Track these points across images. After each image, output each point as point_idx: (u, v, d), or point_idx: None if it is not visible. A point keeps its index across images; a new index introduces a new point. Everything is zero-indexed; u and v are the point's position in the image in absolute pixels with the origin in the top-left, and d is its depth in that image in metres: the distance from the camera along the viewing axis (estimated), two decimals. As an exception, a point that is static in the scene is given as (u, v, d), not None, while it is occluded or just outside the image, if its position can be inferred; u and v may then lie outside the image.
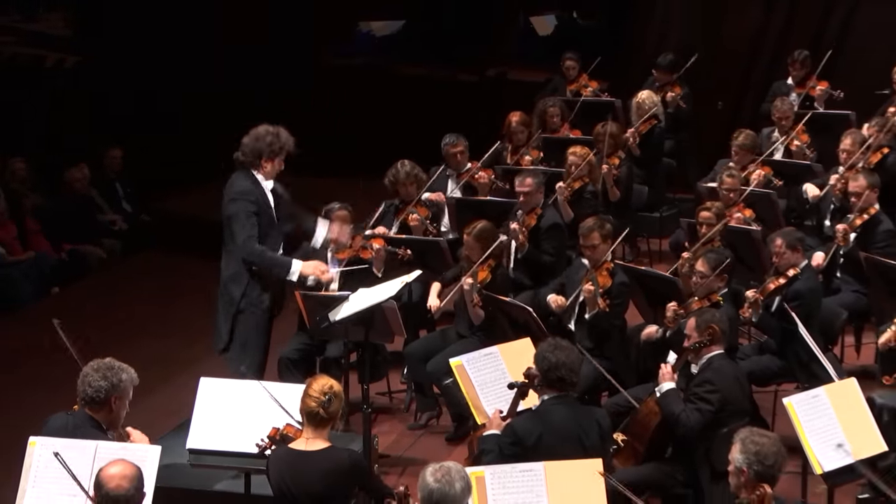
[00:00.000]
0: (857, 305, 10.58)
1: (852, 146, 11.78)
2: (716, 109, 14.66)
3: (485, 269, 9.91)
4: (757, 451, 6.48)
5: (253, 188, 9.10)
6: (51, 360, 7.37)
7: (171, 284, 12.74)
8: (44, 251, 13.77)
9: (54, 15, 16.11)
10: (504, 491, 6.96)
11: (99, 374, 7.05)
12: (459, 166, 11.98)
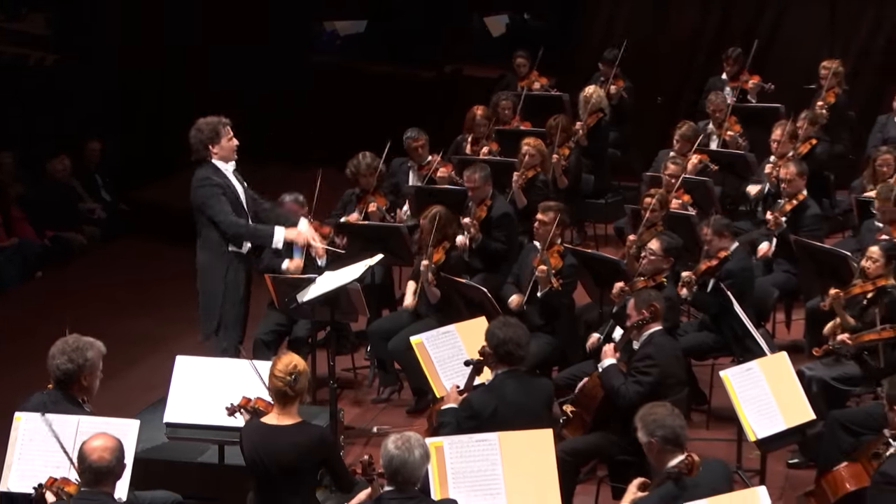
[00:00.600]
0: (788, 284, 10.64)
1: (782, 137, 11.86)
2: (655, 104, 14.69)
3: (439, 251, 9.94)
4: (654, 419, 6.59)
5: (213, 172, 9.00)
6: (34, 339, 7.32)
7: (148, 269, 12.69)
8: (27, 237, 13.69)
9: (36, 15, 15.98)
10: (461, 460, 6.99)
11: (65, 356, 7.06)
12: (420, 159, 11.96)
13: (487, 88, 14.55)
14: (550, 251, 9.71)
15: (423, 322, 9.65)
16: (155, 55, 16.15)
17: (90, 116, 15.41)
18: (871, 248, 9.26)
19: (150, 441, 7.94)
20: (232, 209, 8.95)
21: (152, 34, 16.15)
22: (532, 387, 7.71)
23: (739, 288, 9.45)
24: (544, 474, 7.06)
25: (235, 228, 8.93)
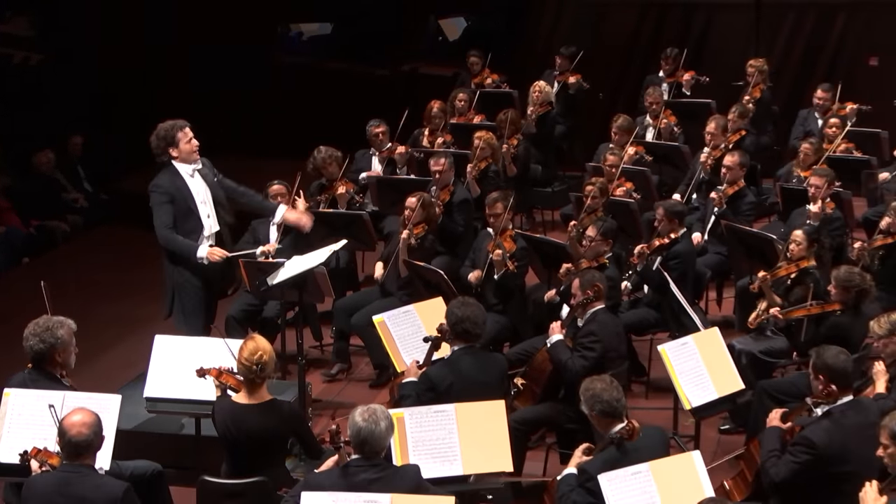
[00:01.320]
0: (720, 265, 10.71)
1: (715, 129, 11.93)
2: (598, 99, 14.72)
3: (419, 228, 9.96)
4: (592, 394, 6.67)
5: (167, 179, 8.90)
6: (23, 321, 7.30)
7: (128, 254, 12.62)
8: (14, 226, 13.62)
9: (20, 18, 15.87)
10: (421, 429, 7.01)
11: (36, 337, 7.10)
12: (381, 145, 11.96)
13: (442, 85, 14.55)
14: (504, 236, 9.72)
15: (386, 300, 9.64)
16: (134, 55, 16.03)
17: (72, 112, 15.28)
18: (795, 233, 9.32)
19: (131, 414, 7.89)
20: (180, 216, 8.88)
21: (132, 35, 16.03)
22: (486, 362, 7.74)
23: (683, 268, 9.53)
24: (497, 442, 7.09)
25: (163, 239, 8.90)
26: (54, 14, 15.56)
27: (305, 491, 6.07)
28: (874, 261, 9.40)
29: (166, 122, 8.97)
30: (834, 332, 8.29)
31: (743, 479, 7.29)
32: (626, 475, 6.33)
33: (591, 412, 6.67)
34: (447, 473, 6.94)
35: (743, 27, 15.48)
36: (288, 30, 17.53)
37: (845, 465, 6.67)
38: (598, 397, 6.61)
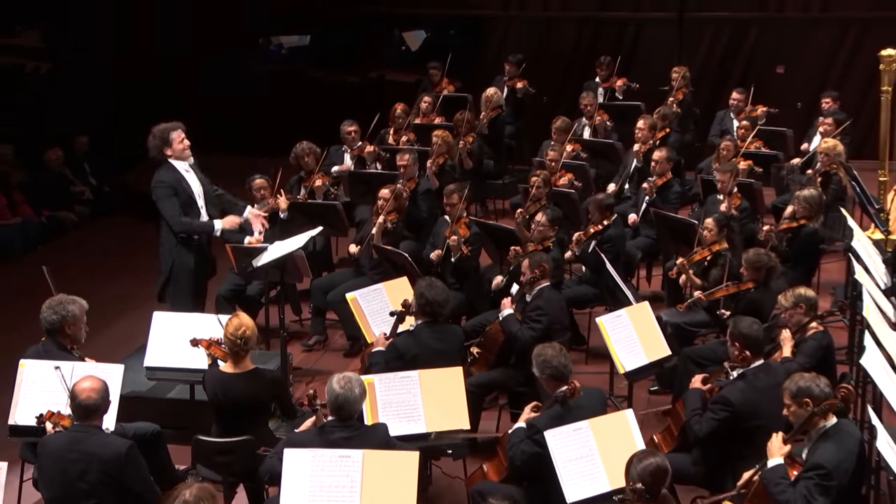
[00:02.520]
0: (650, 247, 10.73)
1: (644, 128, 11.94)
2: (542, 102, 14.71)
3: (392, 215, 9.95)
4: (543, 359, 6.70)
5: (167, 174, 8.82)
6: (37, 299, 7.30)
7: (129, 241, 12.55)
8: (28, 216, 13.55)
9: (31, 32, 15.74)
10: (389, 393, 7.01)
11: (51, 310, 7.14)
12: (353, 143, 11.90)
13: (406, 90, 14.52)
14: (459, 223, 9.72)
15: (358, 279, 9.59)
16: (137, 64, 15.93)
17: (78, 115, 15.15)
18: (707, 220, 9.37)
19: (132, 382, 7.86)
20: (183, 206, 8.80)
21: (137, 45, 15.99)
22: (446, 333, 7.75)
23: (615, 250, 9.55)
24: (456, 403, 7.09)
25: (181, 227, 8.79)
26: (62, 28, 15.44)
27: (288, 448, 6.05)
28: (781, 242, 9.46)
29: (161, 124, 8.88)
30: (748, 307, 8.33)
31: (670, 433, 7.32)
32: (569, 430, 6.35)
33: (542, 375, 6.69)
34: (412, 431, 6.94)
35: (668, 39, 15.52)
36: (269, 42, 17.43)
37: (757, 420, 6.71)
38: (548, 362, 6.64)
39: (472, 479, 7.13)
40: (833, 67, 15.36)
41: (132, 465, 6.12)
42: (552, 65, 15.94)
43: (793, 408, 6.15)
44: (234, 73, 16.25)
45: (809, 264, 9.67)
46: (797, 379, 6.21)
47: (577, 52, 16.06)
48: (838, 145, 11.02)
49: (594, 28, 16.07)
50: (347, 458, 5.94)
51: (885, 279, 8.48)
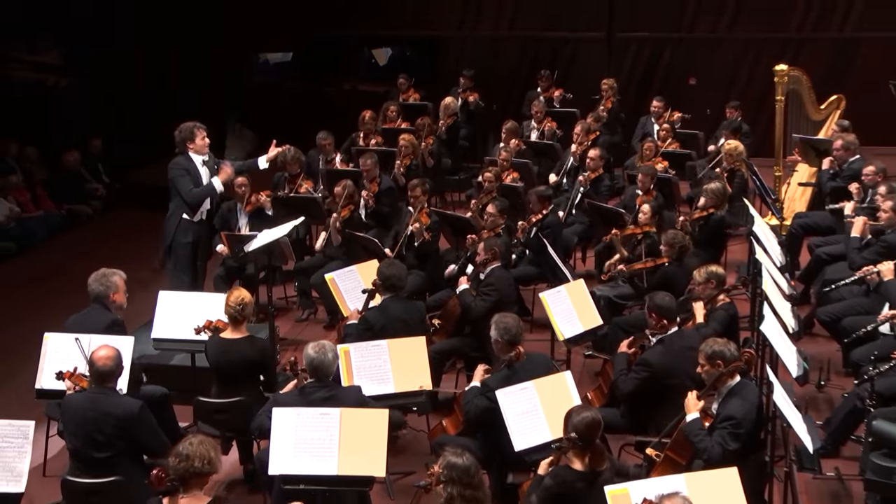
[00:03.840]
0: (584, 233, 10.75)
1: (580, 131, 11.97)
2: (492, 109, 14.69)
3: (346, 210, 9.90)
4: (504, 326, 6.68)
5: (184, 161, 9.09)
6: (57, 281, 7.27)
7: (137, 231, 12.40)
8: (50, 209, 13.50)
9: (51, 51, 15.65)
10: (362, 360, 6.99)
11: (97, 282, 7.23)
12: (328, 153, 11.77)
13: (376, 99, 14.46)
14: (421, 213, 9.70)
15: (334, 263, 9.52)
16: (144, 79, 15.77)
17: (93, 122, 15.06)
18: (644, 206, 9.41)
19: (142, 351, 7.82)
20: (193, 186, 9.05)
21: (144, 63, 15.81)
22: (410, 307, 7.77)
23: (553, 235, 9.56)
24: (420, 367, 7.08)
25: (192, 197, 9.07)
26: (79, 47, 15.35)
27: (275, 407, 6.03)
28: (694, 228, 9.50)
29: (188, 122, 9.18)
30: (664, 280, 8.39)
31: (601, 391, 7.36)
32: (517, 389, 6.34)
33: (501, 339, 6.65)
34: (383, 392, 6.92)
35: (598, 56, 15.55)
36: (258, 57, 17.32)
37: (673, 379, 6.77)
38: (509, 329, 6.63)
39: (434, 433, 7.13)
40: (736, 79, 15.47)
41: (143, 422, 6.12)
42: (500, 77, 15.94)
43: (706, 367, 6.20)
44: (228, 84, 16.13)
45: (718, 246, 9.73)
46: (712, 343, 6.25)
47: (521, 67, 16.06)
48: (740, 146, 11.08)
49: (536, 46, 16.07)
50: (327, 415, 5.91)
51: (780, 258, 8.56)
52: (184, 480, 5.03)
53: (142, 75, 15.75)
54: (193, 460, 5.01)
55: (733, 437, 5.93)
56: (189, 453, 5.03)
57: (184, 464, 5.01)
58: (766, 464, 6.26)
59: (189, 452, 5.03)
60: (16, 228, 12.73)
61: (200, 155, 9.15)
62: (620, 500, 5.05)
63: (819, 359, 8.28)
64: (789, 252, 9.53)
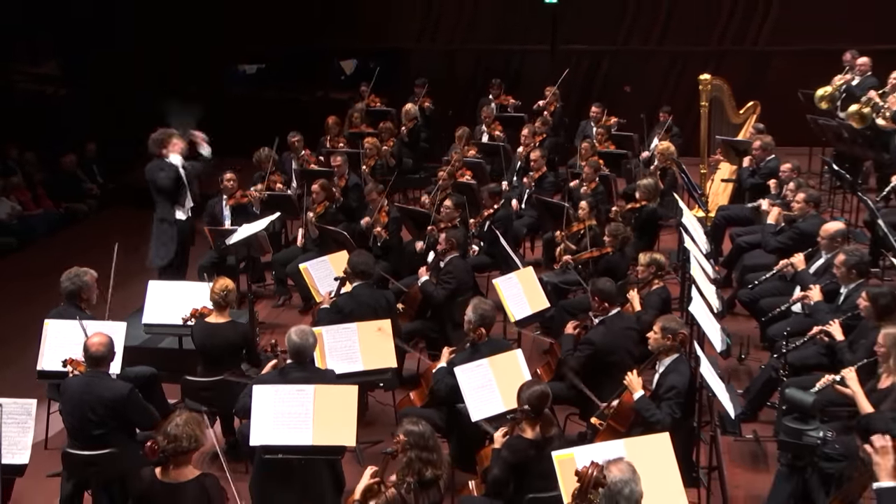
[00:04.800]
0: (532, 225, 10.76)
1: (527, 134, 11.96)
2: (448, 115, 14.63)
3: (322, 206, 9.84)
4: (482, 313, 6.66)
5: (161, 164, 9.02)
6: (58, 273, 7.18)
7: (130, 227, 12.12)
8: (49, 208, 13.36)
9: (51, 62, 15.54)
10: (334, 342, 6.97)
11: (69, 280, 7.07)
12: (298, 151, 11.66)
13: (343, 106, 14.39)
14: (380, 213, 9.70)
15: (308, 254, 9.47)
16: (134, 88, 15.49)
17: (88, 127, 14.86)
18: (581, 202, 9.42)
19: (134, 336, 7.74)
20: (172, 183, 9.00)
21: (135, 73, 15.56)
22: (377, 294, 7.70)
23: (504, 227, 9.56)
24: (386, 348, 7.07)
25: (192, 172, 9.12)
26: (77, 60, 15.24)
27: (256, 385, 5.98)
28: (630, 219, 9.55)
29: (160, 130, 9.12)
30: (607, 267, 8.43)
31: (549, 367, 7.38)
32: (473, 366, 6.34)
33: (475, 322, 6.63)
34: (352, 370, 6.89)
35: (543, 66, 15.52)
36: (236, 69, 17.14)
37: (614, 356, 6.81)
38: (485, 316, 6.63)
39: (400, 405, 7.13)
40: (666, 87, 15.56)
41: (132, 403, 6.07)
42: (456, 85, 15.90)
43: (657, 335, 6.21)
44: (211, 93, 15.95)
45: (651, 235, 9.78)
46: (671, 320, 6.29)
47: (475, 76, 16.04)
48: (670, 146, 11.13)
49: (488, 57, 16.05)
50: (303, 391, 5.88)
51: (706, 246, 8.63)
52: (173, 456, 5.07)
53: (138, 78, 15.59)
54: (181, 440, 5.04)
55: (678, 405, 6.01)
56: (177, 434, 5.04)
57: (173, 444, 5.04)
58: (694, 428, 6.31)
59: (177, 433, 5.05)
60: (17, 225, 12.62)
61: (175, 156, 9.04)
62: (566, 464, 5.06)
63: (740, 335, 8.36)
64: (713, 241, 9.60)
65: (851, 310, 6.71)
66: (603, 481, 4.25)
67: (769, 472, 6.24)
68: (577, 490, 4.31)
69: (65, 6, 14.53)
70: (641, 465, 4.37)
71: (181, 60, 15.89)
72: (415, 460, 5.01)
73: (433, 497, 5.06)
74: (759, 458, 6.70)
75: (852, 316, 6.66)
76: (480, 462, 6.00)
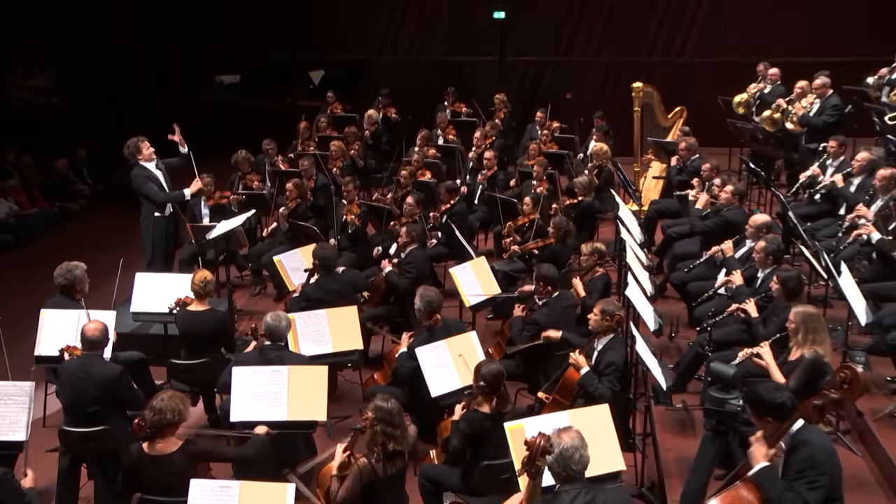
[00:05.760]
0: (484, 219, 10.76)
1: (479, 136, 11.96)
2: (408, 120, 14.57)
3: (294, 202, 9.78)
4: (429, 300, 6.69)
5: (140, 170, 8.83)
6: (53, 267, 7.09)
7: (118, 225, 12.03)
8: (44, 207, 13.22)
9: (44, 74, 15.29)
10: (306, 327, 6.97)
11: (62, 276, 6.98)
12: (271, 157, 11.50)
13: (312, 112, 14.26)
14: (352, 205, 9.62)
15: (281, 247, 9.40)
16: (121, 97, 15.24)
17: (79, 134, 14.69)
18: (525, 199, 9.44)
19: (123, 323, 7.66)
20: (156, 189, 8.82)
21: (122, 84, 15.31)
22: (343, 282, 7.68)
23: (460, 220, 9.56)
24: (352, 331, 7.05)
25: (163, 199, 8.83)
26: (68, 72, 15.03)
27: (235, 366, 5.94)
28: (569, 213, 9.59)
29: (132, 139, 8.88)
30: (551, 256, 8.45)
31: (500, 347, 7.40)
32: (432, 347, 6.36)
33: (423, 308, 6.64)
34: (322, 351, 6.89)
35: (493, 75, 15.54)
36: (214, 80, 16.93)
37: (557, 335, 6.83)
38: (431, 301, 6.63)
39: (367, 384, 7.11)
40: (602, 94, 15.65)
41: (123, 383, 6.01)
42: (414, 93, 15.85)
43: (597, 317, 6.24)
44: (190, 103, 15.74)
45: (590, 227, 9.84)
46: (609, 303, 6.32)
47: (431, 85, 16.00)
48: (605, 147, 11.20)
49: (443, 67, 16.02)
50: (278, 371, 5.88)
51: (640, 236, 8.70)
52: (159, 429, 5.05)
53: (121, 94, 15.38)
54: (166, 413, 5.03)
55: (617, 379, 6.05)
56: (161, 407, 5.04)
57: (157, 416, 5.02)
58: (630, 400, 6.37)
59: (161, 406, 5.04)
60: (15, 224, 12.52)
61: (150, 162, 8.86)
62: (517, 434, 5.08)
63: (670, 316, 8.44)
64: (646, 231, 9.68)
65: (766, 291, 6.81)
66: (550, 449, 4.27)
67: (696, 436, 6.32)
68: (527, 458, 4.32)
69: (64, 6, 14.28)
70: (584, 433, 4.40)
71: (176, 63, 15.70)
72: (379, 434, 5.01)
73: (398, 465, 5.07)
74: (688, 425, 6.78)
75: (766, 297, 6.76)
76: (440, 433, 6.01)
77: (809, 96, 10.90)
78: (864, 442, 6.41)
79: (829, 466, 4.49)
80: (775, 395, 4.65)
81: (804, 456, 4.48)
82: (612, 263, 8.86)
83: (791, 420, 4.58)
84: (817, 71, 11.19)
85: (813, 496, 4.41)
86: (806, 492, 4.41)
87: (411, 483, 5.41)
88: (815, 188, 9.31)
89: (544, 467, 4.29)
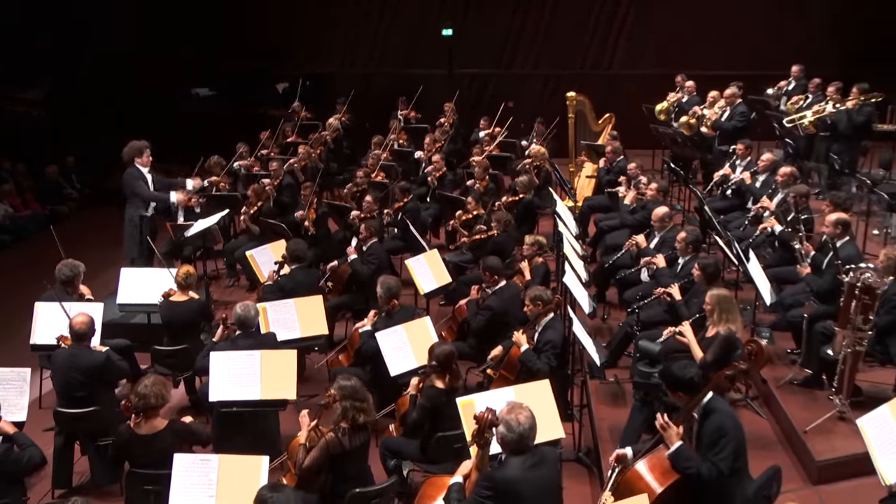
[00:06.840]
0: (437, 215, 10.69)
1: (429, 141, 11.94)
2: (365, 127, 14.47)
3: (254, 207, 9.69)
4: (388, 287, 6.68)
5: (135, 171, 8.73)
6: (45, 265, 6.99)
7: (106, 225, 11.76)
8: (37, 209, 13.11)
9: (35, 89, 15.13)
10: (276, 314, 6.89)
11: (67, 268, 6.99)
12: (244, 158, 11.39)
13: (278, 120, 14.13)
14: (310, 209, 9.57)
15: (252, 242, 9.28)
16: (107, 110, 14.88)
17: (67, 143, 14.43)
18: (468, 198, 9.46)
19: (110, 314, 7.54)
20: (147, 190, 8.74)
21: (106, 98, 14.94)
22: (311, 274, 7.65)
23: (414, 217, 9.52)
24: (318, 318, 7.00)
25: (152, 197, 8.76)
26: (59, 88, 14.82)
27: (211, 352, 5.87)
28: (512, 209, 9.62)
29: (136, 142, 8.79)
30: (495, 247, 8.49)
31: (451, 330, 7.42)
32: (390, 331, 6.31)
33: (384, 294, 6.63)
34: (291, 337, 6.82)
35: (442, 86, 15.48)
36: (190, 91, 16.64)
37: (506, 318, 6.87)
38: (390, 287, 6.63)
39: (332, 365, 7.07)
40: (541, 102, 15.73)
41: (108, 369, 6.01)
42: (371, 102, 15.68)
43: (531, 307, 6.30)
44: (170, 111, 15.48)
45: (531, 221, 9.89)
46: (537, 290, 6.37)
47: (387, 95, 15.85)
48: (542, 149, 11.25)
49: (397, 79, 15.95)
50: (251, 356, 5.83)
51: (575, 229, 8.78)
52: (144, 411, 5.05)
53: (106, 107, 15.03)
54: (149, 398, 5.05)
55: (555, 356, 6.11)
56: (146, 392, 5.06)
57: (142, 401, 5.05)
58: (568, 375, 6.44)
59: (146, 392, 5.06)
60: (10, 225, 12.46)
61: (145, 168, 8.79)
62: (468, 408, 5.11)
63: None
64: (581, 225, 9.77)
65: (687, 276, 6.93)
66: (496, 422, 4.30)
67: (626, 407, 6.42)
68: (476, 430, 4.35)
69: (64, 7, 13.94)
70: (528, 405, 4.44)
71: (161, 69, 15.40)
72: (349, 409, 4.99)
73: (362, 438, 5.06)
74: (619, 397, 6.87)
75: (688, 281, 6.88)
76: (398, 409, 6.01)
77: (721, 103, 11.15)
78: (768, 406, 6.58)
79: (734, 431, 4.63)
80: (685, 373, 4.76)
81: (714, 424, 4.61)
82: (551, 253, 8.95)
83: (702, 393, 4.69)
84: (729, 82, 11.43)
85: (724, 463, 4.53)
86: (719, 460, 4.53)
87: (373, 454, 5.41)
88: (727, 185, 9.52)
89: (492, 438, 4.33)
